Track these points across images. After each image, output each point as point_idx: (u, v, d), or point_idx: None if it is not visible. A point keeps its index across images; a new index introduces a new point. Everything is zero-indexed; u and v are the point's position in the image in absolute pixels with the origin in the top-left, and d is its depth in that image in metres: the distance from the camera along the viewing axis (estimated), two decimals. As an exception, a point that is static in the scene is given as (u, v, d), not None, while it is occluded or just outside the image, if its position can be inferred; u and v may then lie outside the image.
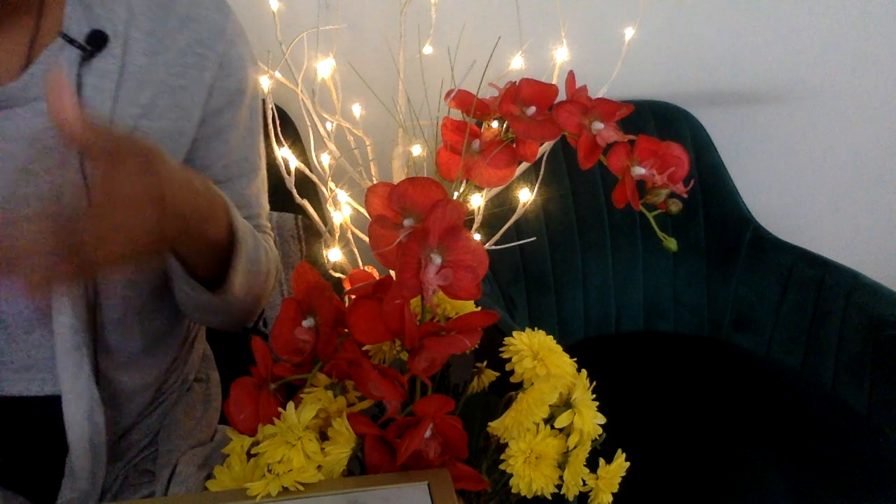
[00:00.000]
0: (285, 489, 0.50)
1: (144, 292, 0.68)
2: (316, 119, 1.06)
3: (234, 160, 0.72)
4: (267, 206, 0.79)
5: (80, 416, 0.62)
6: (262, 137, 0.76)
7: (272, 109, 1.00)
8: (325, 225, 1.06)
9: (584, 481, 0.59)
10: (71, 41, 0.60)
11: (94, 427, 0.63)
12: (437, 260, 0.50)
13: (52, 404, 0.63)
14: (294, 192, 1.01)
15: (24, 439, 0.68)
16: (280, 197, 1.09)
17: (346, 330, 0.56)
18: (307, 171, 1.05)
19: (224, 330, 0.77)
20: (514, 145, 0.59)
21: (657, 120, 1.48)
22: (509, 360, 0.59)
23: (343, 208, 1.01)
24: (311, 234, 1.13)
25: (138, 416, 0.75)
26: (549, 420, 0.58)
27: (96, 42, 0.61)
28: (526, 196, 0.99)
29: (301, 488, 0.50)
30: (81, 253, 0.44)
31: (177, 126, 0.65)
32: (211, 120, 0.69)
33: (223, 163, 0.71)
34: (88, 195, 0.49)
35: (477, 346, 0.52)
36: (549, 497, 0.57)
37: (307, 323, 0.56)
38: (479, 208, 0.99)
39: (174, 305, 0.76)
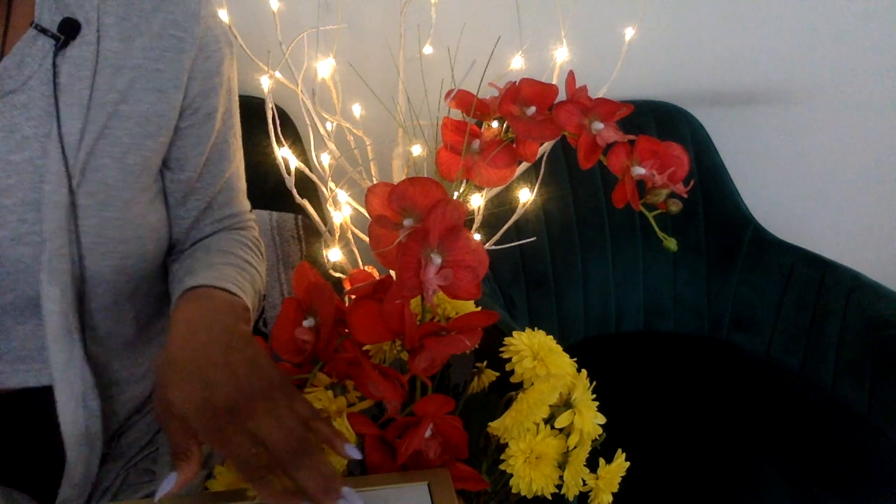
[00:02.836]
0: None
1: (134, 277, 0.68)
2: (316, 119, 1.06)
3: (215, 143, 0.72)
4: (244, 188, 0.80)
5: (73, 403, 0.62)
6: (238, 119, 0.76)
7: (272, 109, 1.00)
8: (325, 225, 1.06)
9: (584, 481, 0.59)
10: (43, 31, 0.60)
11: (88, 413, 0.63)
12: (437, 260, 0.50)
13: (46, 396, 0.63)
14: (294, 192, 1.01)
15: (21, 435, 0.68)
16: (280, 197, 1.09)
17: (347, 330, 0.56)
18: (307, 171, 1.05)
19: None
20: (514, 145, 0.59)
21: (657, 120, 1.48)
22: (509, 360, 0.59)
23: (343, 208, 1.02)
24: (311, 234, 1.14)
25: (135, 412, 0.75)
26: (549, 420, 0.58)
27: (69, 30, 0.61)
28: (526, 196, 0.99)
29: (301, 488, 0.50)
30: None
31: (155, 109, 0.65)
32: (196, 104, 0.69)
33: (206, 147, 0.71)
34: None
35: (477, 346, 0.52)
36: (549, 497, 0.57)
37: (308, 323, 0.56)
38: (479, 208, 0.99)
39: (165, 292, 0.76)
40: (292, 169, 1.00)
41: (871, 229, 1.80)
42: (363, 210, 0.93)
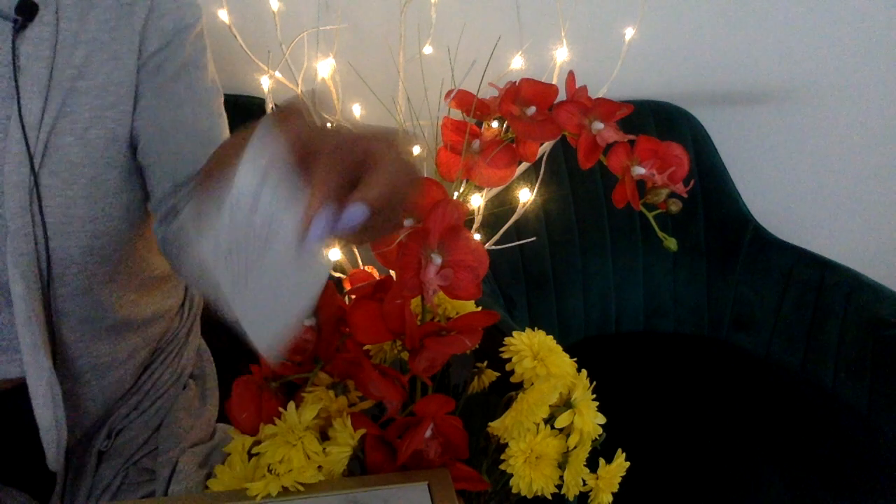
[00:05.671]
0: (285, 489, 0.50)
1: (107, 260, 0.68)
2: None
3: (172, 112, 0.68)
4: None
5: (43, 387, 0.62)
6: (209, 98, 0.71)
7: (272, 109, 1.00)
8: (326, 225, 1.05)
9: (584, 481, 0.59)
10: (1, 15, 0.60)
11: (55, 399, 0.63)
12: (438, 260, 0.50)
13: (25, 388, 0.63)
14: (294, 191, 1.01)
15: (12, 432, 0.68)
16: (280, 197, 1.09)
17: (347, 330, 0.56)
18: (307, 171, 1.05)
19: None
20: (514, 145, 0.59)
21: (657, 120, 1.48)
22: (509, 360, 0.59)
23: (343, 208, 1.01)
24: (312, 233, 1.13)
25: (123, 405, 0.75)
26: (550, 420, 0.58)
27: (26, 11, 0.61)
28: (526, 196, 0.99)
29: (301, 488, 0.50)
30: None
31: (112, 78, 0.65)
32: (150, 65, 0.67)
33: (161, 115, 0.67)
34: None
35: (477, 346, 0.52)
36: (549, 497, 0.57)
37: (309, 322, 0.56)
38: (479, 208, 0.99)
39: (155, 275, 0.75)
40: (292, 169, 1.00)
41: (871, 229, 1.80)
42: (363, 210, 0.93)
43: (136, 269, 0.73)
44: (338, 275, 1.00)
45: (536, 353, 0.58)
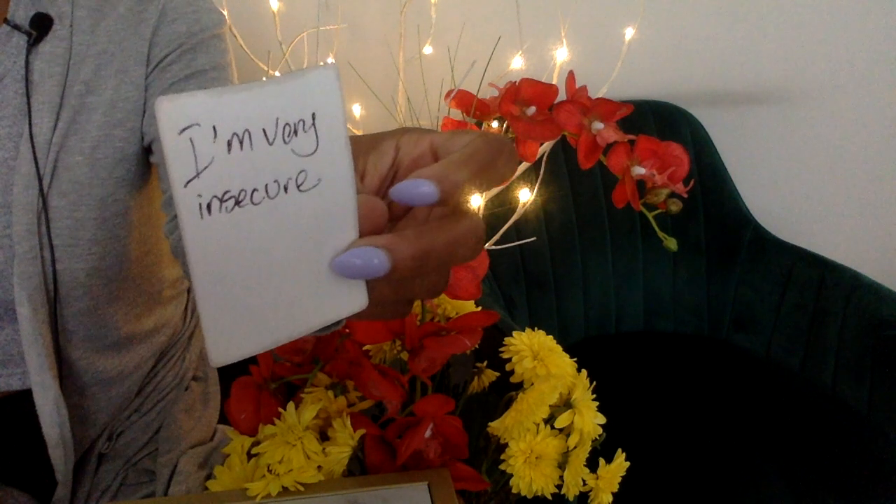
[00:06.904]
0: (285, 489, 0.50)
1: (113, 279, 0.67)
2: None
3: None
4: None
5: (50, 406, 0.62)
6: (228, 74, 0.70)
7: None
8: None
9: (584, 481, 0.59)
10: (16, 27, 0.59)
11: (61, 418, 0.63)
12: (437, 260, 0.50)
13: (30, 398, 0.63)
14: (294, 192, 1.01)
15: (15, 437, 0.68)
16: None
17: (347, 330, 0.56)
18: (307, 171, 1.05)
19: None
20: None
21: (657, 120, 1.48)
22: (509, 360, 0.59)
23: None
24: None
25: (133, 411, 0.75)
26: (550, 420, 0.58)
27: (40, 25, 0.60)
28: (526, 196, 0.99)
29: (301, 488, 0.50)
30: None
31: (119, 93, 0.63)
32: (159, 69, 0.65)
33: None
34: None
35: (477, 346, 0.52)
36: (549, 497, 0.57)
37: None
38: (478, 208, 0.99)
39: (163, 287, 0.75)
40: (292, 169, 1.00)
41: (871, 229, 1.80)
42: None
43: (143, 285, 0.72)
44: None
45: (536, 353, 0.58)
